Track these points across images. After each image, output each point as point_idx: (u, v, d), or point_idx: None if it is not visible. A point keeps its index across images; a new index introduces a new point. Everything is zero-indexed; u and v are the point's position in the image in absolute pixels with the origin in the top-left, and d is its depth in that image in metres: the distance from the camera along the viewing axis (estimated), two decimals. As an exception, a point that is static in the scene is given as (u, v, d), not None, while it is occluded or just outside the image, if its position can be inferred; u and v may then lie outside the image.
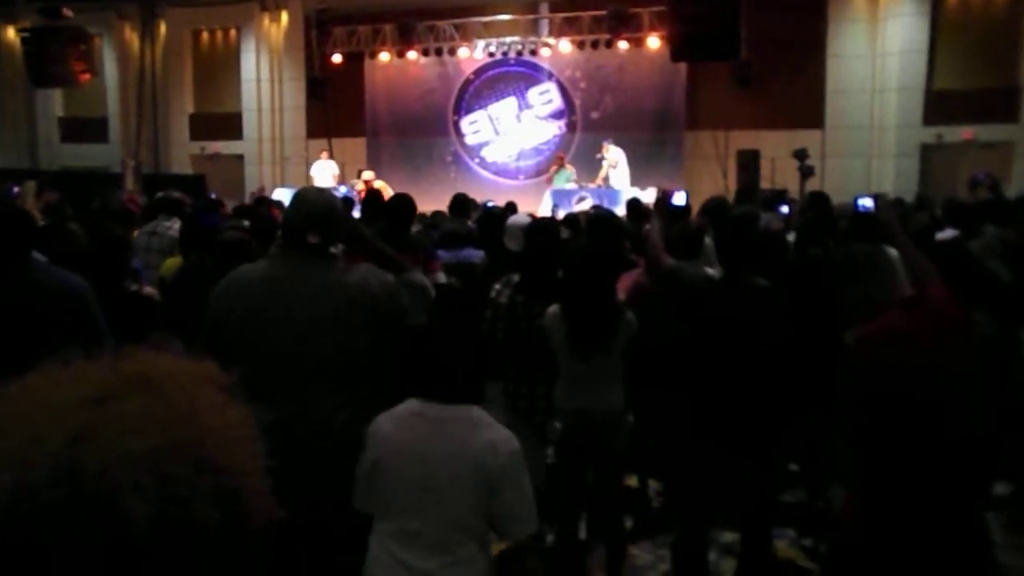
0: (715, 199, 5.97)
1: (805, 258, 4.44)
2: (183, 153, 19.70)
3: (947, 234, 6.38)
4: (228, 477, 0.70)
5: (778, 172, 13.77)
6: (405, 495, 2.27)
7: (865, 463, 2.72)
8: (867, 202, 4.24)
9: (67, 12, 16.86)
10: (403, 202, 4.64)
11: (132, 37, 19.67)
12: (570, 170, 14.60)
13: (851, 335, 3.56)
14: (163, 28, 19.59)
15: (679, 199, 5.29)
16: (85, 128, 20.22)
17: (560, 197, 13.47)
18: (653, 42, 15.59)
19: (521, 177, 17.15)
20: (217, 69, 19.67)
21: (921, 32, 14.87)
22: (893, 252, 2.95)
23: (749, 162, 14.23)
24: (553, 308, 3.62)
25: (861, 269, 2.80)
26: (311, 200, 2.75)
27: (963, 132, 14.61)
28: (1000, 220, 6.14)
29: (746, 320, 3.15)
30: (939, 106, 14.81)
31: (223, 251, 3.86)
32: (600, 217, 5.41)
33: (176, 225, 6.10)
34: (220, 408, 0.74)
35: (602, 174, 14.21)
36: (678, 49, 14.58)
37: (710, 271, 3.88)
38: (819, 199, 6.40)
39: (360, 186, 14.29)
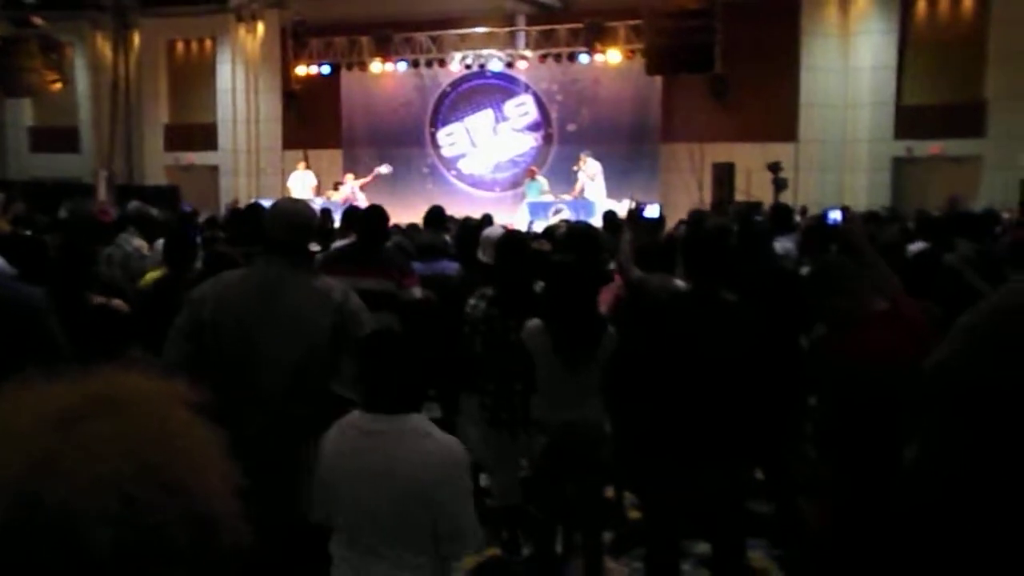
0: (697, 212, 6.01)
1: (761, 269, 4.50)
2: (157, 164, 19.54)
3: (918, 247, 6.47)
4: (199, 500, 0.69)
5: (753, 184, 13.91)
6: (345, 509, 2.27)
7: (837, 473, 2.75)
8: (836, 215, 4.34)
9: (37, 20, 16.67)
10: (375, 214, 4.61)
11: (105, 46, 19.50)
12: (541, 181, 14.66)
13: (810, 339, 3.60)
14: (137, 38, 19.45)
15: (651, 211, 5.33)
16: (56, 138, 19.98)
17: (536, 209, 13.51)
18: (629, 55, 15.72)
19: (497, 189, 17.19)
20: (192, 80, 19.55)
21: (890, 48, 15.15)
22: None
23: (724, 175, 14.37)
24: (534, 322, 3.61)
25: (833, 280, 2.83)
26: (292, 211, 2.82)
27: (932, 147, 14.89)
28: (971, 234, 6.23)
29: (713, 333, 3.17)
30: (909, 121, 15.08)
31: (213, 263, 3.85)
32: (579, 230, 5.43)
33: (134, 239, 6.03)
34: (189, 429, 0.73)
35: (578, 186, 14.28)
36: (653, 62, 14.73)
37: (680, 283, 3.90)
38: (783, 211, 6.52)
39: (345, 192, 14.34)
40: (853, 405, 2.65)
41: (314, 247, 2.87)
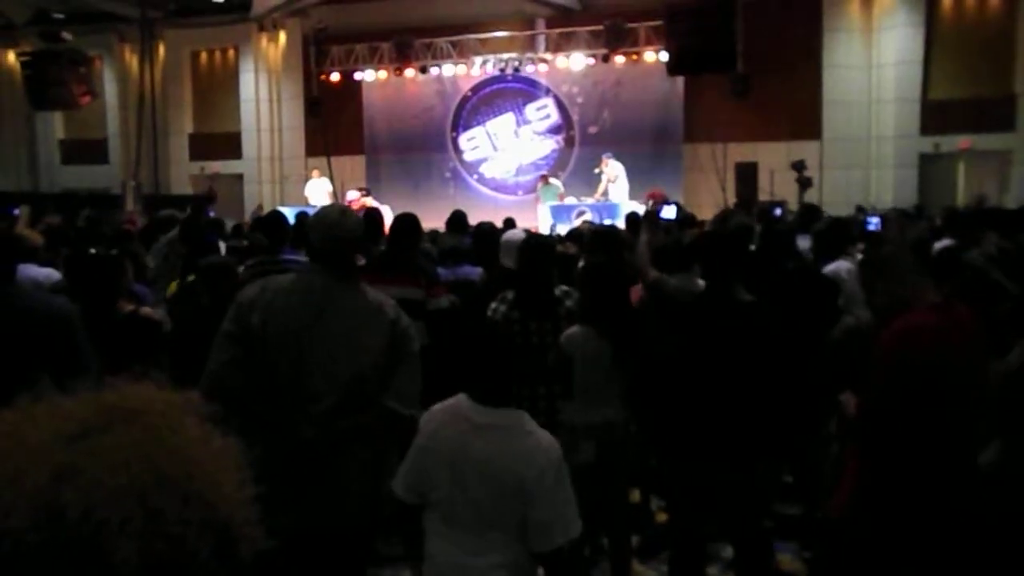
0: (725, 211, 5.98)
1: (782, 270, 4.46)
2: (183, 173, 19.78)
3: (944, 244, 6.38)
4: (217, 510, 0.69)
5: (777, 183, 13.80)
6: (446, 491, 2.37)
7: (862, 461, 2.73)
8: (875, 220, 4.33)
9: (66, 35, 16.96)
10: (407, 223, 4.59)
11: (132, 59, 19.80)
12: (555, 184, 14.62)
13: (838, 331, 3.58)
14: (162, 49, 19.71)
15: (668, 212, 5.31)
16: (85, 150, 20.31)
17: (559, 212, 13.48)
18: (650, 56, 15.66)
19: (520, 192, 17.19)
20: (216, 89, 19.78)
21: (915, 42, 14.93)
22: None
23: (747, 174, 14.26)
24: (575, 329, 3.62)
25: (889, 266, 2.84)
26: (336, 223, 2.78)
27: (960, 142, 14.64)
28: (1003, 229, 6.15)
29: (730, 334, 3.15)
30: (936, 116, 14.84)
31: (206, 275, 3.89)
32: (604, 232, 5.43)
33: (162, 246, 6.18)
34: (206, 439, 0.73)
35: (601, 188, 14.23)
36: (675, 63, 14.65)
37: (702, 283, 3.87)
38: (810, 211, 6.46)
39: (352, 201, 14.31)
40: (895, 388, 2.66)
41: (360, 261, 2.81)
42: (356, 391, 2.64)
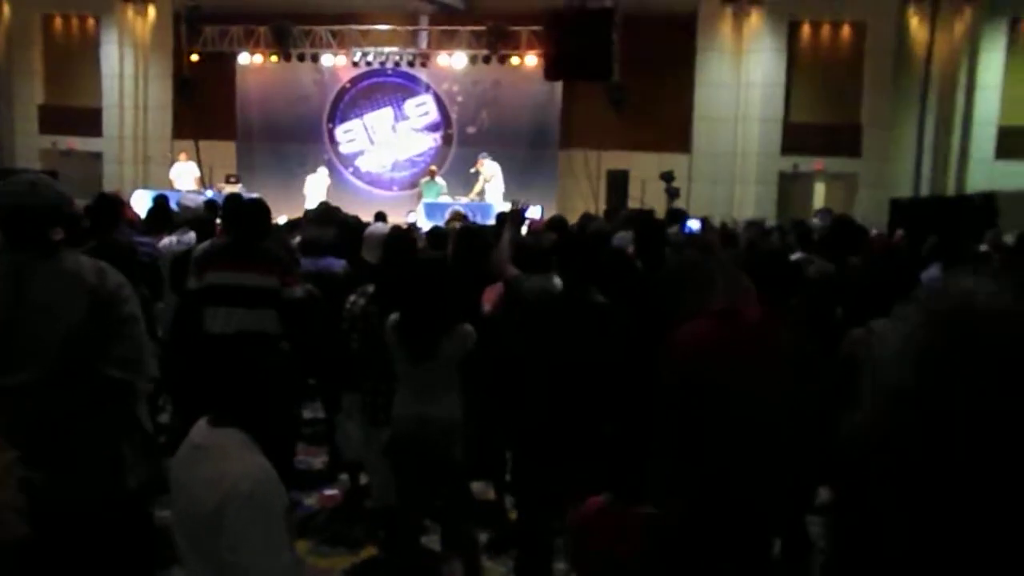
0: (556, 217, 6.15)
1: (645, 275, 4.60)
2: (31, 147, 18.37)
3: (798, 256, 6.75)
4: None
5: (647, 193, 14.28)
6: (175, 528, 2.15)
7: (675, 476, 2.68)
8: (694, 224, 4.49)
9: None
10: (257, 209, 4.46)
11: (-29, 19, 18.26)
12: (441, 183, 14.60)
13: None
14: (7, 9, 18.25)
15: (533, 213, 5.38)
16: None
17: (433, 210, 13.44)
18: (530, 60, 15.87)
19: (395, 188, 17.03)
20: (73, 59, 18.49)
21: (779, 67, 15.88)
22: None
23: (619, 182, 14.68)
24: (392, 317, 3.60)
25: (684, 276, 2.81)
26: (25, 197, 2.69)
27: (815, 163, 15.71)
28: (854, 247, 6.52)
29: (578, 335, 3.21)
30: (795, 137, 15.85)
31: None
32: (467, 230, 5.43)
33: None
34: None
35: (477, 188, 14.28)
36: (552, 68, 14.88)
37: (559, 283, 3.95)
38: (675, 214, 6.68)
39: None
40: (682, 401, 2.57)
41: (58, 234, 2.71)
42: (65, 363, 2.59)
